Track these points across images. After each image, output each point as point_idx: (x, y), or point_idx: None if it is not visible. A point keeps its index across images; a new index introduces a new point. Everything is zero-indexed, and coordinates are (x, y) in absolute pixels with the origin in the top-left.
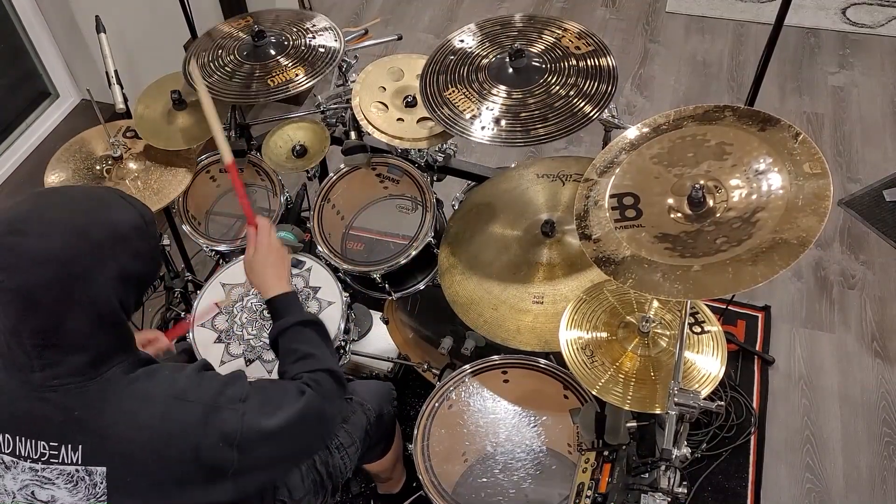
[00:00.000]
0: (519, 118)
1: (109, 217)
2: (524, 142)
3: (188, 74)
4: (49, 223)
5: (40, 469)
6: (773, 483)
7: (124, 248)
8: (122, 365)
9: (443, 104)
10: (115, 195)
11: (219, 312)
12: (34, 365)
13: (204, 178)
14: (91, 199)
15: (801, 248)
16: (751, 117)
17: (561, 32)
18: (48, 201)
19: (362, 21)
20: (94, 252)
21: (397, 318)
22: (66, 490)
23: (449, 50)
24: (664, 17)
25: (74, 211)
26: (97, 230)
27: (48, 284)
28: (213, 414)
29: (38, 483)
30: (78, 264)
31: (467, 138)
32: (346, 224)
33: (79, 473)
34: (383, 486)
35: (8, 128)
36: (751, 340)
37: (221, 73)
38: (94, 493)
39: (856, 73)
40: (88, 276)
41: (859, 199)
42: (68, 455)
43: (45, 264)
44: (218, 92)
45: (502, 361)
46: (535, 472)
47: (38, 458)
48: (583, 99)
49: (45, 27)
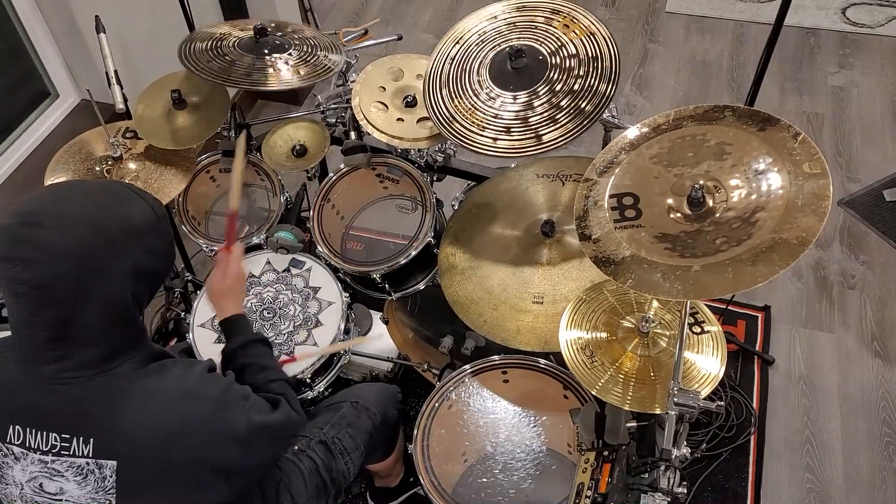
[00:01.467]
0: (528, 123)
1: (124, 212)
2: (536, 149)
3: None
4: (65, 216)
5: (50, 461)
6: (773, 483)
7: (138, 243)
8: (134, 360)
9: (452, 120)
10: (128, 190)
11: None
12: (46, 357)
13: (203, 178)
14: (107, 193)
15: (801, 248)
16: (750, 117)
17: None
18: (65, 195)
19: (362, 21)
20: (109, 246)
21: (397, 318)
22: (74, 483)
23: (447, 54)
24: (664, 16)
25: (91, 205)
26: (112, 225)
27: (63, 277)
28: (220, 411)
29: (46, 475)
30: (93, 258)
31: (483, 154)
32: (345, 224)
33: (89, 466)
34: (380, 481)
35: (8, 128)
36: (751, 340)
37: (221, 60)
38: (102, 487)
39: (856, 73)
40: (103, 270)
41: (859, 199)
42: (79, 448)
43: (61, 257)
44: (217, 76)
45: (502, 361)
46: (535, 472)
47: (48, 450)
48: (585, 98)
49: (45, 27)
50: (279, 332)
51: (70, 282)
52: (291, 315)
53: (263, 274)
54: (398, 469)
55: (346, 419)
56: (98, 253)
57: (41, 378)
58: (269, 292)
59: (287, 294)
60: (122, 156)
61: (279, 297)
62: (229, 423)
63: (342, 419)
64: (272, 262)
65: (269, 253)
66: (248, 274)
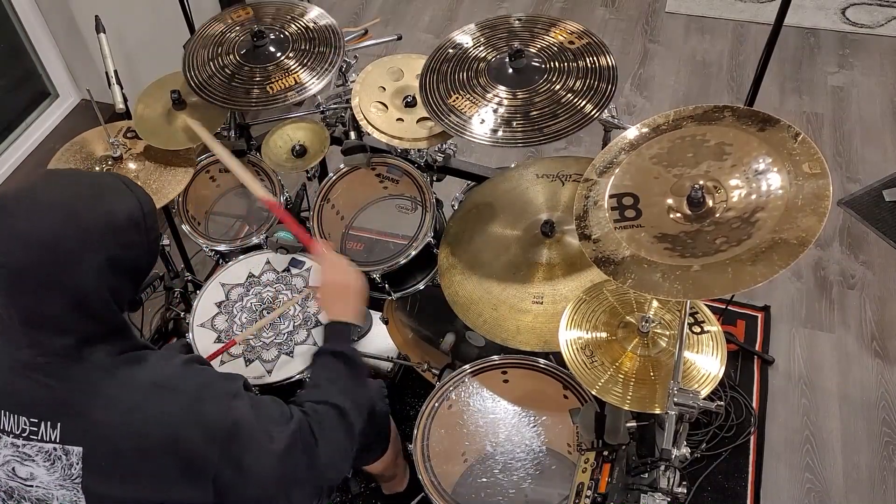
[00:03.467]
0: (529, 117)
1: (106, 205)
2: (539, 140)
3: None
4: (39, 205)
5: (21, 445)
6: (773, 483)
7: (117, 236)
8: (109, 350)
9: (449, 112)
10: (119, 183)
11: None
12: (22, 342)
13: (204, 178)
14: (93, 185)
15: (801, 247)
16: (750, 117)
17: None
18: (47, 183)
19: (362, 21)
20: (81, 237)
21: (397, 318)
22: (44, 468)
23: (444, 56)
24: (664, 17)
25: (70, 195)
26: (88, 216)
27: (33, 266)
28: (196, 405)
29: (18, 459)
30: (63, 248)
31: (481, 143)
32: (345, 224)
33: (56, 452)
34: (387, 486)
35: (8, 128)
36: (750, 340)
37: (220, 75)
38: (69, 475)
39: (855, 73)
40: (73, 261)
41: (859, 199)
42: (47, 432)
43: (30, 246)
44: (217, 97)
45: (502, 361)
46: (535, 472)
47: (19, 433)
48: (584, 97)
49: (45, 27)
50: (279, 332)
51: (40, 270)
52: (291, 315)
53: (263, 274)
54: (402, 469)
55: None
56: (68, 243)
57: (17, 362)
58: (269, 292)
59: (287, 294)
60: (122, 156)
61: (279, 297)
62: (204, 417)
63: None
64: (272, 262)
65: (269, 253)
66: (248, 274)
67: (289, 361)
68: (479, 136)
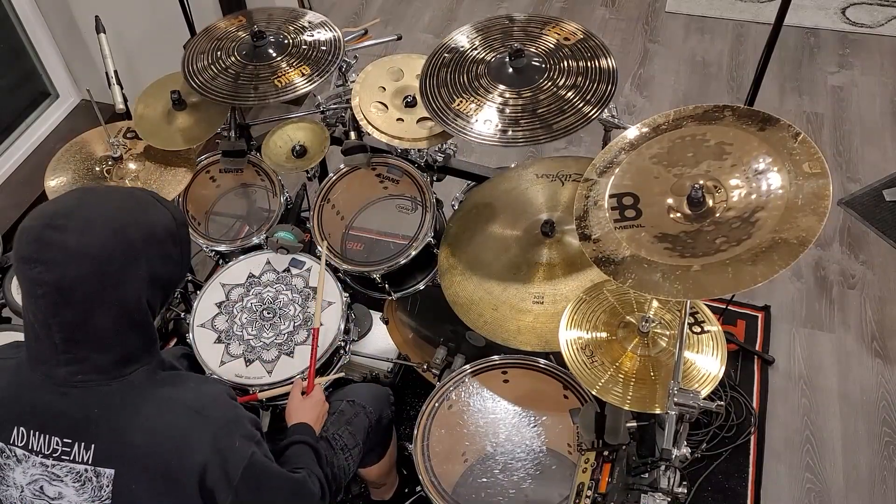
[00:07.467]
0: (536, 115)
1: (146, 218)
2: (547, 138)
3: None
4: (89, 220)
5: (50, 465)
6: (773, 483)
7: (157, 249)
8: (147, 368)
9: (455, 117)
10: (151, 197)
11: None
12: (60, 360)
13: (203, 179)
14: (130, 198)
15: (801, 247)
16: (750, 117)
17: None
18: (89, 198)
19: (362, 21)
20: (128, 251)
21: (397, 318)
22: (73, 489)
23: (442, 60)
24: (664, 16)
25: (114, 209)
26: (134, 230)
27: (82, 280)
28: (226, 439)
29: (46, 479)
30: (113, 262)
31: (494, 145)
32: (345, 224)
33: (87, 473)
34: (376, 493)
35: (8, 128)
36: (751, 340)
37: (225, 75)
38: (98, 496)
39: (855, 72)
40: (121, 274)
41: (859, 199)
42: (80, 453)
43: (82, 260)
44: (220, 94)
45: (502, 361)
46: (535, 472)
47: (49, 453)
48: (582, 98)
49: (45, 27)
50: (279, 333)
51: (89, 285)
52: (291, 315)
53: (263, 274)
54: (392, 479)
55: (344, 416)
56: (118, 257)
57: (52, 380)
58: (269, 292)
59: (287, 294)
60: (122, 156)
61: (279, 297)
62: (231, 453)
63: (341, 416)
64: (272, 262)
65: (269, 253)
66: (249, 274)
67: (289, 361)
68: (487, 137)
